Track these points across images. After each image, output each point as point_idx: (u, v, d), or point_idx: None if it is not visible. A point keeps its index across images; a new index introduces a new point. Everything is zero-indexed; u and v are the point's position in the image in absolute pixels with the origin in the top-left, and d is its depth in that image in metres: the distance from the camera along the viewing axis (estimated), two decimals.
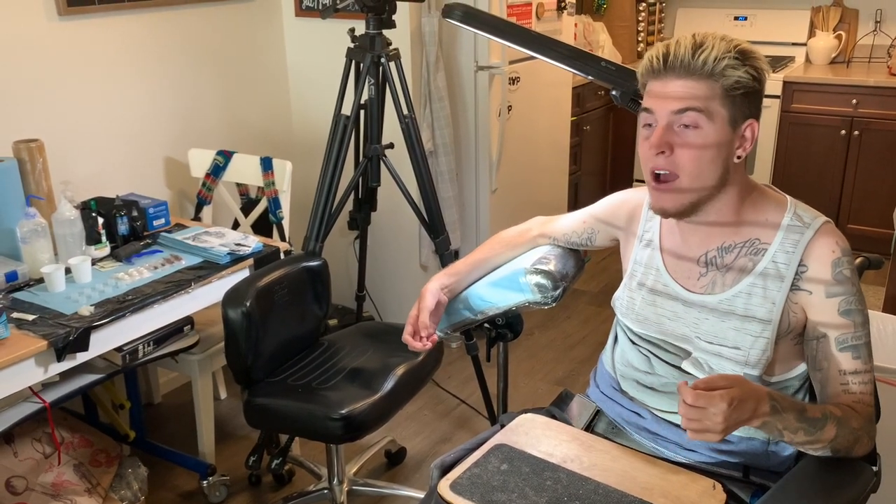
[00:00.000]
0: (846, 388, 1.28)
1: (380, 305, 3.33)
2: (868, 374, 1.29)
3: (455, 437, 2.73)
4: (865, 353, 1.29)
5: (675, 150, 1.27)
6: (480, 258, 1.73)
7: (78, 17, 2.50)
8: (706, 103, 1.24)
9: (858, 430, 1.24)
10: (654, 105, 1.28)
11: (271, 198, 2.64)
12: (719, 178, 1.29)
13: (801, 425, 1.21)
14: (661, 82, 1.27)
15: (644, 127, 1.32)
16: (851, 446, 1.25)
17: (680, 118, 1.26)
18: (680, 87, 1.25)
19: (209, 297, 2.14)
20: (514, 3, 3.15)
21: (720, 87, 1.24)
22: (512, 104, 3.29)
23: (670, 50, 1.26)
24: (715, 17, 4.77)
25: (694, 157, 1.26)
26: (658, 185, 1.31)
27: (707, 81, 1.24)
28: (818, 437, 1.22)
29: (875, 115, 3.98)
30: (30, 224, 2.02)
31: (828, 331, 1.29)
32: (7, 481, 2.02)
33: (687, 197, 1.30)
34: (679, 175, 1.28)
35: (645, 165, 1.32)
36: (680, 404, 1.14)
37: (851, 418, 1.25)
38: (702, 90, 1.24)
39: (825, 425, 1.22)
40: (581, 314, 3.67)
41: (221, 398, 2.99)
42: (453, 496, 1.33)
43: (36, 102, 2.44)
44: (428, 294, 1.63)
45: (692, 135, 1.26)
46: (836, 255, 1.29)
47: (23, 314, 1.86)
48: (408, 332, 1.60)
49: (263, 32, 3.17)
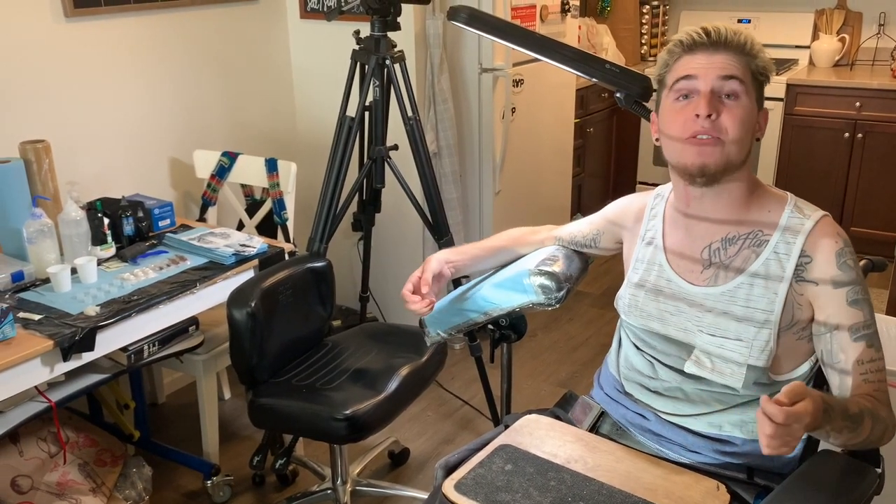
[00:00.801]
0: (866, 377, 1.28)
1: (383, 306, 3.33)
2: (881, 362, 1.30)
3: (458, 439, 2.74)
4: (877, 342, 1.30)
5: (721, 117, 1.30)
6: (488, 245, 1.76)
7: (84, 18, 2.51)
8: (745, 77, 1.31)
9: (887, 419, 1.25)
10: (700, 70, 1.31)
11: (276, 199, 2.65)
12: (747, 154, 1.34)
13: (846, 423, 1.20)
14: (704, 55, 1.32)
15: (677, 100, 1.34)
16: (882, 436, 1.25)
17: (724, 85, 1.30)
18: (722, 59, 1.32)
19: (214, 298, 2.15)
20: (519, 5, 3.16)
21: (753, 67, 1.32)
22: (516, 106, 3.29)
23: (710, 28, 1.33)
24: (718, 19, 4.75)
25: (739, 123, 1.30)
26: (700, 141, 1.31)
27: (745, 59, 1.32)
28: (859, 432, 1.21)
29: (878, 118, 3.98)
30: (36, 224, 2.03)
31: (840, 322, 1.29)
32: (12, 480, 2.03)
33: (726, 157, 1.31)
34: (722, 139, 1.30)
35: (683, 131, 1.32)
36: (763, 422, 1.06)
37: (880, 408, 1.25)
38: (742, 65, 1.31)
39: (863, 419, 1.21)
40: (584, 316, 3.67)
41: (226, 398, 3.00)
42: (458, 496, 1.33)
43: (42, 103, 2.45)
44: (433, 260, 1.65)
45: (735, 105, 1.31)
46: (838, 245, 1.31)
47: (29, 314, 1.87)
48: (407, 289, 1.60)
49: (269, 34, 3.18)
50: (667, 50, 1.38)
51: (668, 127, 1.35)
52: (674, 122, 1.34)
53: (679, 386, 1.42)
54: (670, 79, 1.35)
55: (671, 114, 1.35)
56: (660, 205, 1.51)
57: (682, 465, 1.42)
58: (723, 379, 1.35)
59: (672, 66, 1.36)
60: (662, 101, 1.38)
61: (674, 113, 1.34)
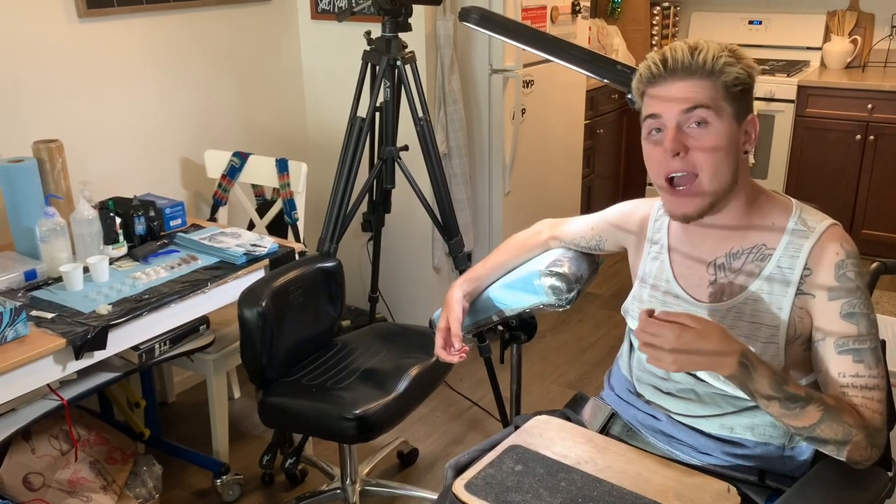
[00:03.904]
0: (845, 391, 1.25)
1: (393, 307, 3.34)
2: (874, 380, 1.25)
3: (467, 439, 2.74)
4: (871, 359, 1.26)
5: (691, 151, 1.27)
6: (498, 262, 1.74)
7: (97, 19, 2.52)
8: (712, 101, 1.26)
9: (854, 428, 1.20)
10: (661, 109, 1.29)
11: (286, 199, 2.65)
12: (733, 175, 1.30)
13: (777, 395, 1.19)
14: (664, 86, 1.28)
15: (649, 135, 1.32)
16: (844, 443, 1.21)
17: (689, 117, 1.27)
18: (683, 88, 1.27)
19: (225, 297, 2.16)
20: (529, 6, 3.16)
21: (721, 85, 1.26)
22: (526, 107, 3.29)
23: (667, 55, 1.28)
24: (729, 21, 4.76)
25: (710, 154, 1.27)
26: (676, 191, 1.31)
27: (708, 80, 1.26)
28: (798, 415, 1.20)
29: (890, 120, 3.96)
30: (49, 223, 2.05)
31: (829, 333, 1.27)
32: (24, 477, 2.04)
33: (707, 198, 1.30)
34: (698, 174, 1.28)
35: (658, 173, 1.32)
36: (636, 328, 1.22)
37: (845, 413, 1.21)
38: (705, 88, 1.26)
39: (807, 406, 1.19)
40: (593, 317, 3.67)
41: (235, 397, 3.01)
42: (468, 496, 1.33)
43: (55, 103, 2.47)
44: (455, 304, 1.63)
45: (704, 133, 1.27)
46: (839, 257, 1.28)
47: (42, 312, 1.88)
48: (439, 346, 1.59)
49: (280, 35, 3.19)
50: (633, 84, 1.35)
51: (647, 164, 1.34)
52: (650, 161, 1.33)
53: (692, 387, 1.41)
54: (642, 113, 1.34)
55: (647, 151, 1.33)
56: (663, 217, 1.50)
57: (692, 467, 1.41)
58: (734, 391, 1.35)
59: (641, 101, 1.34)
60: (642, 132, 1.36)
61: (649, 151, 1.33)
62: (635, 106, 1.60)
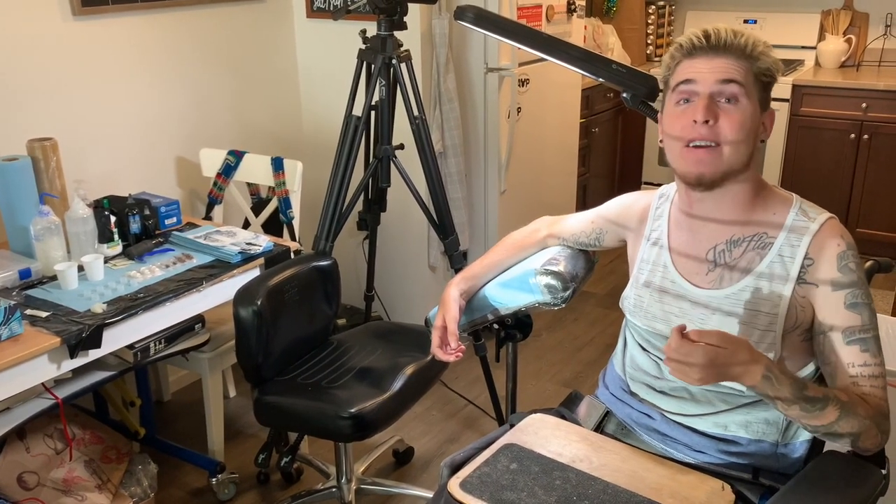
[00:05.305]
0: (855, 380, 1.28)
1: (388, 305, 3.34)
2: (879, 368, 1.29)
3: (462, 438, 2.74)
4: (874, 347, 1.30)
5: (719, 122, 1.30)
6: (494, 260, 1.74)
7: (92, 17, 2.52)
8: (745, 81, 1.30)
9: (866, 419, 1.24)
10: (699, 75, 1.31)
11: (282, 198, 2.65)
12: (749, 156, 1.33)
13: (799, 401, 1.21)
14: (703, 59, 1.32)
15: (677, 104, 1.34)
16: (859, 434, 1.25)
17: (723, 89, 1.30)
18: (722, 63, 1.31)
19: (220, 296, 2.16)
20: (525, 5, 3.16)
21: (755, 70, 1.31)
22: (521, 106, 3.30)
23: (710, 31, 1.32)
24: (725, 19, 4.77)
25: (737, 127, 1.30)
26: (698, 151, 1.31)
27: (746, 62, 1.31)
28: (817, 416, 1.22)
29: (885, 119, 3.98)
30: (43, 222, 2.04)
31: (835, 324, 1.30)
32: (19, 476, 2.04)
33: (724, 164, 1.32)
34: (721, 145, 1.31)
35: (679, 138, 1.33)
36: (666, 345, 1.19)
37: (858, 405, 1.24)
38: (741, 69, 1.30)
39: (826, 406, 1.22)
40: (589, 316, 3.67)
41: (231, 396, 3.01)
42: (463, 494, 1.34)
43: (50, 101, 2.46)
44: (452, 303, 1.64)
45: (733, 109, 1.31)
46: (840, 248, 1.31)
47: (36, 311, 1.87)
48: (436, 344, 1.59)
49: (275, 33, 3.18)
50: (669, 53, 1.39)
51: (669, 129, 1.36)
52: (674, 126, 1.35)
53: (685, 386, 1.42)
54: (672, 82, 1.37)
55: (672, 117, 1.35)
56: (664, 205, 1.51)
57: (687, 465, 1.42)
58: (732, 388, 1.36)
59: (674, 70, 1.36)
60: (666, 103, 1.39)
61: (674, 117, 1.35)
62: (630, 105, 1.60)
